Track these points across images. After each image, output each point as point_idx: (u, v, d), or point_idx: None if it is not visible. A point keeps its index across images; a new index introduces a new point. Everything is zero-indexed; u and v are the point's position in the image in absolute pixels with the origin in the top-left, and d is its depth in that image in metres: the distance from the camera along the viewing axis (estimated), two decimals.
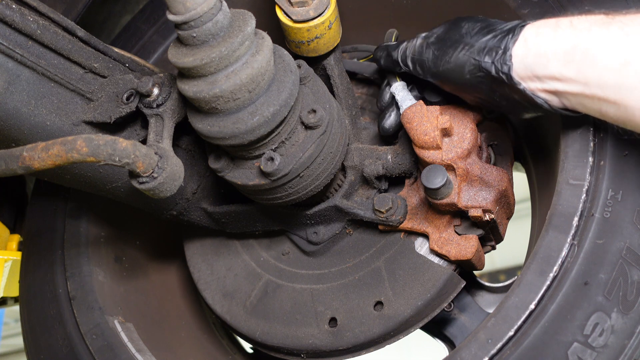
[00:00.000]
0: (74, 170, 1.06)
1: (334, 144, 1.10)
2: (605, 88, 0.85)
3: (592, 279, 0.92)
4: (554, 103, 0.94)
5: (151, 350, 1.32)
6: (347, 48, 1.46)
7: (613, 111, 0.87)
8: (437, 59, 1.02)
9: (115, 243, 1.48)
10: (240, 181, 1.07)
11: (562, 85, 0.90)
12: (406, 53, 1.09)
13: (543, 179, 1.25)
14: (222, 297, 1.35)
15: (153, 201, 1.18)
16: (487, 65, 0.95)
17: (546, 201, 1.10)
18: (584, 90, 0.88)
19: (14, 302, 1.76)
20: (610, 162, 0.97)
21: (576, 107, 0.92)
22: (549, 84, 0.91)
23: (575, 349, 0.90)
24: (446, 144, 1.09)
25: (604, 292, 0.91)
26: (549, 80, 0.91)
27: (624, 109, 0.85)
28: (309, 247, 1.31)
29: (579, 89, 0.88)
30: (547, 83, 0.91)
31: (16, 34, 0.93)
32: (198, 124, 0.99)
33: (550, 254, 0.96)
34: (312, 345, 1.23)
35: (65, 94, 1.03)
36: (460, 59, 0.98)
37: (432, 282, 1.16)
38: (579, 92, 0.89)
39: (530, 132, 1.30)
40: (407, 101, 1.16)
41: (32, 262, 1.44)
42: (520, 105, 0.98)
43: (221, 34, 0.90)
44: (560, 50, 0.88)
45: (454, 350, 1.00)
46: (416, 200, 1.20)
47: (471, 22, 1.00)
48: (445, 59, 1.01)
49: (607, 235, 0.94)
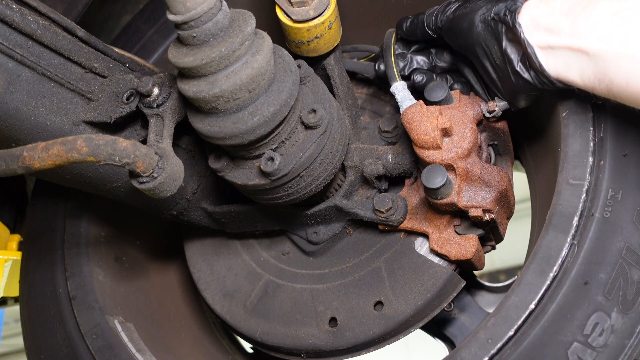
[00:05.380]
0: (74, 170, 1.06)
1: (334, 144, 1.10)
2: (591, 38, 0.88)
3: (592, 279, 0.92)
4: (542, 61, 0.95)
5: (151, 350, 1.32)
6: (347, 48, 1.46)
7: (591, 69, 0.89)
8: (460, 5, 1.08)
9: (115, 243, 1.48)
10: (240, 181, 1.07)
11: (553, 39, 0.93)
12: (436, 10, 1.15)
13: (543, 179, 1.25)
14: (222, 297, 1.35)
15: (153, 201, 1.18)
16: (498, 8, 0.99)
17: (546, 201, 1.10)
18: (570, 43, 0.90)
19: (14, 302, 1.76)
20: (610, 162, 0.97)
21: (559, 68, 0.94)
22: (543, 36, 0.94)
23: (575, 349, 0.90)
24: (446, 143, 1.09)
25: (604, 292, 0.91)
26: (544, 32, 0.94)
27: (602, 63, 0.87)
28: (309, 247, 1.31)
29: (566, 42, 0.91)
30: (542, 35, 0.94)
31: (16, 34, 0.93)
32: (198, 124, 0.99)
33: (550, 253, 0.96)
34: (312, 345, 1.23)
35: (66, 94, 1.03)
36: (479, 4, 1.04)
37: (432, 282, 1.16)
38: (565, 45, 0.91)
39: (530, 131, 1.30)
40: (407, 101, 1.16)
41: (32, 262, 1.44)
42: (512, 69, 1.00)
43: (221, 34, 0.90)
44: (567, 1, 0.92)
45: (454, 350, 1.00)
46: (416, 200, 1.20)
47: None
48: (466, 4, 1.07)
49: (607, 235, 0.94)
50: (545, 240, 0.97)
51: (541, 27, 0.94)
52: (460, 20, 1.07)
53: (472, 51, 1.07)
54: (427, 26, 1.16)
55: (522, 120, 1.26)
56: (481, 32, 1.03)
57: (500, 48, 1.00)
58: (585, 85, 0.92)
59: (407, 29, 1.21)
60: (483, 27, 1.02)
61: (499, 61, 1.02)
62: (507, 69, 1.01)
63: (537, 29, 0.95)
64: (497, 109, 1.11)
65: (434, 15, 1.14)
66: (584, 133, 1.01)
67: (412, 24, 1.20)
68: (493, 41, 1.01)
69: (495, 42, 1.01)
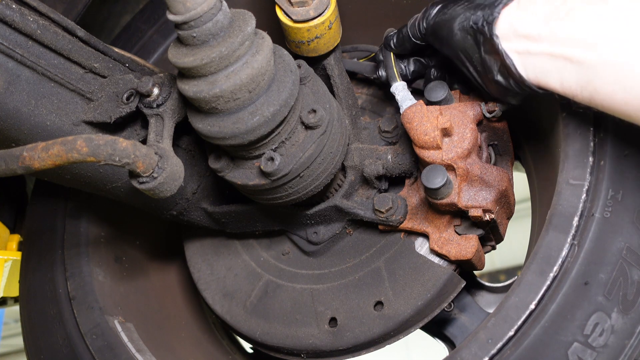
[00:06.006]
0: (74, 170, 1.06)
1: (334, 144, 1.10)
2: (576, 45, 0.86)
3: (592, 279, 0.92)
4: (519, 68, 0.94)
5: (151, 350, 1.32)
6: (347, 48, 1.46)
7: (574, 76, 0.88)
8: (439, 11, 1.07)
9: (115, 243, 1.48)
10: (240, 181, 1.07)
11: (532, 45, 0.92)
12: (417, 19, 1.14)
13: (543, 179, 1.25)
14: (222, 297, 1.35)
15: (153, 201, 1.18)
16: (476, 17, 0.98)
17: (546, 201, 1.10)
18: (551, 50, 0.89)
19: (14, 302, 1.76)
20: (610, 162, 0.97)
21: (538, 75, 0.93)
22: (522, 43, 0.93)
23: (576, 349, 0.90)
24: (446, 144, 1.09)
25: (604, 292, 0.91)
26: (523, 40, 0.93)
27: (587, 71, 0.85)
28: (309, 247, 1.31)
29: (546, 49, 0.90)
30: (521, 42, 0.93)
31: (16, 34, 0.93)
32: (198, 124, 0.99)
33: (550, 254, 0.96)
34: (312, 345, 1.23)
35: (65, 94, 1.03)
36: (457, 11, 1.02)
37: (432, 282, 1.16)
38: (545, 51, 0.90)
39: (530, 131, 1.30)
40: (407, 101, 1.16)
41: (32, 262, 1.44)
42: (492, 78, 1.00)
43: (221, 34, 0.90)
44: (548, 8, 0.90)
45: (454, 350, 1.00)
46: (416, 200, 1.20)
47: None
48: (444, 10, 1.06)
49: (607, 235, 0.94)
50: (546, 240, 0.97)
51: (520, 35, 0.93)
52: (439, 27, 1.06)
53: (454, 57, 1.06)
54: (412, 36, 1.15)
55: (522, 120, 1.26)
56: (460, 40, 1.02)
57: (480, 56, 1.00)
58: (565, 92, 0.91)
59: (395, 44, 1.20)
60: (462, 36, 1.01)
61: (480, 68, 1.02)
62: (487, 77, 1.01)
63: (516, 36, 0.93)
64: (497, 109, 1.12)
65: (415, 24, 1.13)
66: (584, 133, 1.01)
67: (399, 38, 1.19)
68: (472, 49, 1.01)
69: (474, 51, 1.01)
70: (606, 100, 0.85)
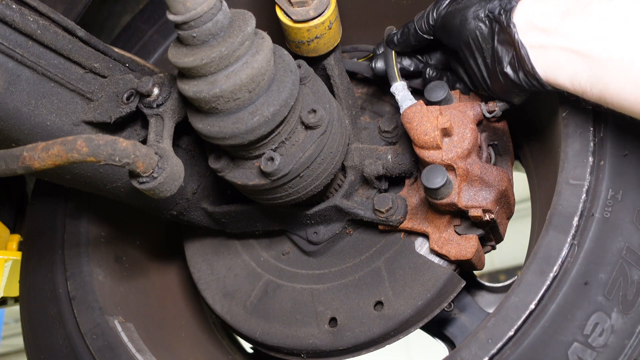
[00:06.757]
0: (74, 170, 1.06)
1: (334, 144, 1.10)
2: (590, 41, 0.86)
3: (592, 279, 0.92)
4: (533, 61, 0.94)
5: (151, 350, 1.32)
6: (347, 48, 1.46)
7: (585, 72, 0.88)
8: (453, 1, 1.07)
9: (115, 243, 1.48)
10: (240, 181, 1.07)
11: (546, 39, 0.92)
12: (426, 11, 1.13)
13: (543, 179, 1.25)
14: (222, 297, 1.35)
15: (153, 201, 1.18)
16: (493, 6, 0.98)
17: (546, 201, 1.10)
18: (565, 44, 0.89)
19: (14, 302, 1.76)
20: (610, 162, 0.97)
21: (550, 69, 0.93)
22: (537, 36, 0.93)
23: (575, 349, 0.90)
24: (446, 144, 1.09)
25: (604, 292, 0.91)
26: (538, 32, 0.93)
27: (598, 67, 0.86)
28: (309, 247, 1.31)
29: (560, 42, 0.90)
30: (535, 35, 0.93)
31: (16, 34, 0.93)
32: (198, 124, 0.99)
33: (550, 254, 0.96)
34: (312, 345, 1.23)
35: (66, 94, 1.03)
36: (472, 1, 1.02)
37: (432, 282, 1.16)
38: (559, 45, 0.90)
39: (530, 131, 1.30)
40: (407, 101, 1.16)
41: (32, 262, 1.44)
42: (500, 69, 0.99)
43: (221, 34, 0.90)
44: (564, 2, 0.91)
45: (454, 350, 1.00)
46: (416, 200, 1.20)
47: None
48: (459, 0, 1.06)
49: (607, 235, 0.94)
50: (545, 240, 0.97)
51: (536, 27, 0.93)
52: (452, 16, 1.06)
53: (463, 48, 1.06)
54: (419, 30, 1.15)
55: (522, 120, 1.26)
56: (473, 29, 1.01)
57: (492, 46, 1.00)
58: (574, 88, 0.91)
59: (399, 40, 1.20)
60: (476, 24, 1.01)
61: (489, 59, 1.02)
62: (495, 69, 1.01)
63: (532, 29, 0.93)
64: (497, 109, 1.11)
65: (424, 16, 1.13)
66: (584, 133, 1.01)
67: (403, 34, 1.19)
68: (485, 38, 1.01)
69: (487, 40, 1.00)
70: (616, 97, 0.86)
